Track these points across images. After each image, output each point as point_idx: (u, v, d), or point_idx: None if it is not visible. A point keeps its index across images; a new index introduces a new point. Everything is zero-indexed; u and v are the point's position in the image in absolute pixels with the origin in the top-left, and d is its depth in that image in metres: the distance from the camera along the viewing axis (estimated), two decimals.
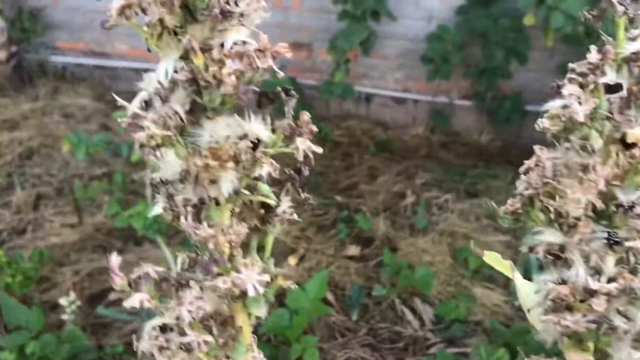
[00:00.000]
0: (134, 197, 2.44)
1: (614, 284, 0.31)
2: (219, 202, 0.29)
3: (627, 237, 0.31)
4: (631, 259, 0.33)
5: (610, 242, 0.31)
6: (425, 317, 2.07)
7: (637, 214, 0.31)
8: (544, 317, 0.33)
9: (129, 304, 0.29)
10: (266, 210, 0.32)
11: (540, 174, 0.32)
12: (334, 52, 2.61)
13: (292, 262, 0.31)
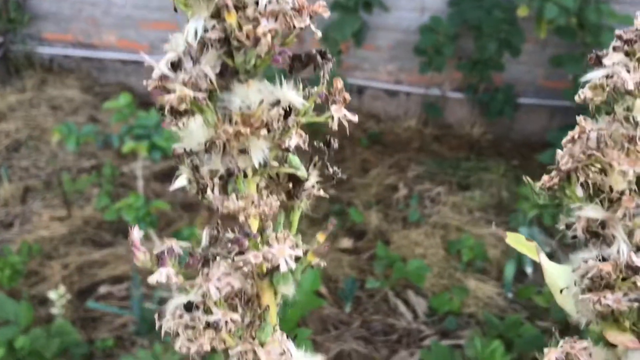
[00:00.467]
0: (123, 190, 2.41)
1: None
2: (246, 174, 0.28)
3: None
4: None
5: None
6: (418, 310, 2.06)
7: None
8: (582, 297, 0.32)
9: (153, 279, 0.27)
10: (294, 184, 0.30)
11: (583, 146, 0.31)
12: (326, 43, 2.59)
13: (321, 238, 0.30)
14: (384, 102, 2.89)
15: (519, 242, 0.46)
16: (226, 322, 0.27)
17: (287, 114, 0.27)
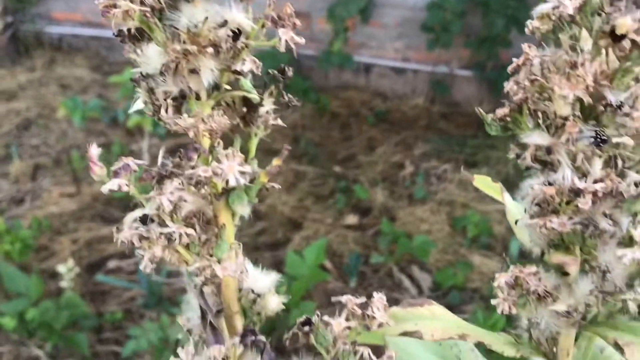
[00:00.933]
0: None
1: (600, 184, 0.31)
2: (199, 97, 0.29)
3: (614, 136, 0.31)
4: (618, 163, 0.32)
5: (597, 140, 0.31)
6: (423, 284, 2.08)
7: (625, 113, 0.30)
8: (529, 222, 0.33)
9: (106, 188, 0.28)
10: (249, 109, 0.31)
11: (527, 72, 0.32)
12: (332, 20, 2.59)
13: (276, 162, 0.31)
14: (391, 79, 2.88)
15: (486, 185, 0.47)
16: (180, 235, 0.29)
17: (237, 36, 0.28)
